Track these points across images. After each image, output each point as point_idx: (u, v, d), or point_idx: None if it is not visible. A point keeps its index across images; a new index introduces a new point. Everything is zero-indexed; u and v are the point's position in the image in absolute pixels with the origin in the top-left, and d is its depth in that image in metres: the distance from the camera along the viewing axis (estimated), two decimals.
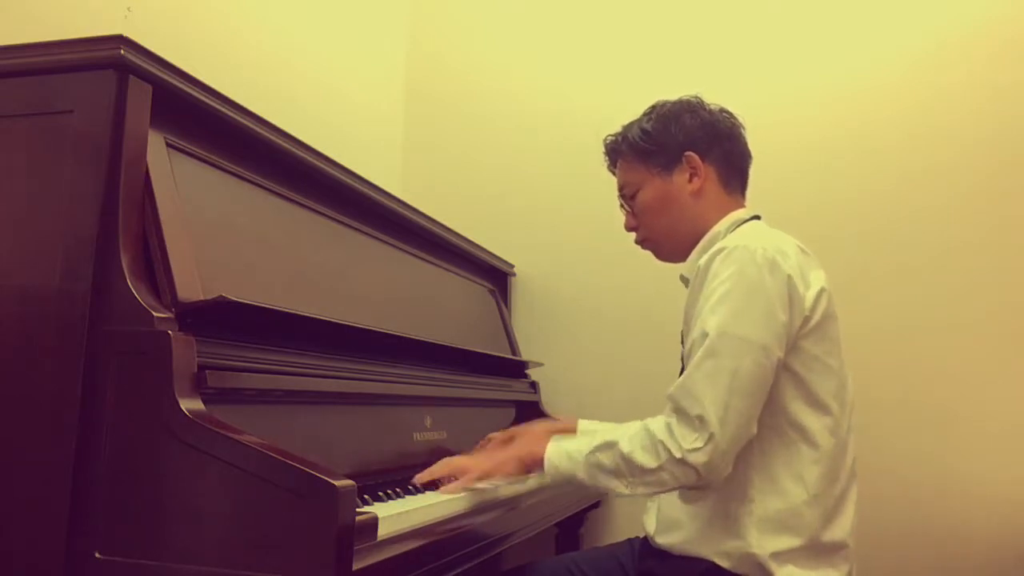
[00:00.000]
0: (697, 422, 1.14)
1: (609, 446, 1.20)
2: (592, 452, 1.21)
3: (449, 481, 1.31)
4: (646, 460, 1.15)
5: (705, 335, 1.18)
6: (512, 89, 2.50)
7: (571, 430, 1.59)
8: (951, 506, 1.96)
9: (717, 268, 1.21)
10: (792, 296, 1.20)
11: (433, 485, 1.32)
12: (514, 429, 1.57)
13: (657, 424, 1.17)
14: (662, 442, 1.14)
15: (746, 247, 1.21)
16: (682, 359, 1.31)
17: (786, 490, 1.19)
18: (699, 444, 1.12)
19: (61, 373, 0.94)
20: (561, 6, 2.49)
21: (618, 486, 1.19)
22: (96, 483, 0.91)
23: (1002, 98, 2.04)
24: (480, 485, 1.32)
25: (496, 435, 1.56)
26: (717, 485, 1.19)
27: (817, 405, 1.22)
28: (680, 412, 1.16)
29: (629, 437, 1.18)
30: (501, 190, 2.46)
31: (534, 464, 1.29)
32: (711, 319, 1.18)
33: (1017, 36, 2.05)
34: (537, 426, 1.54)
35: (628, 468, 1.17)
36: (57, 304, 0.96)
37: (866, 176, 2.13)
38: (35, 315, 0.98)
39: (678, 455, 1.13)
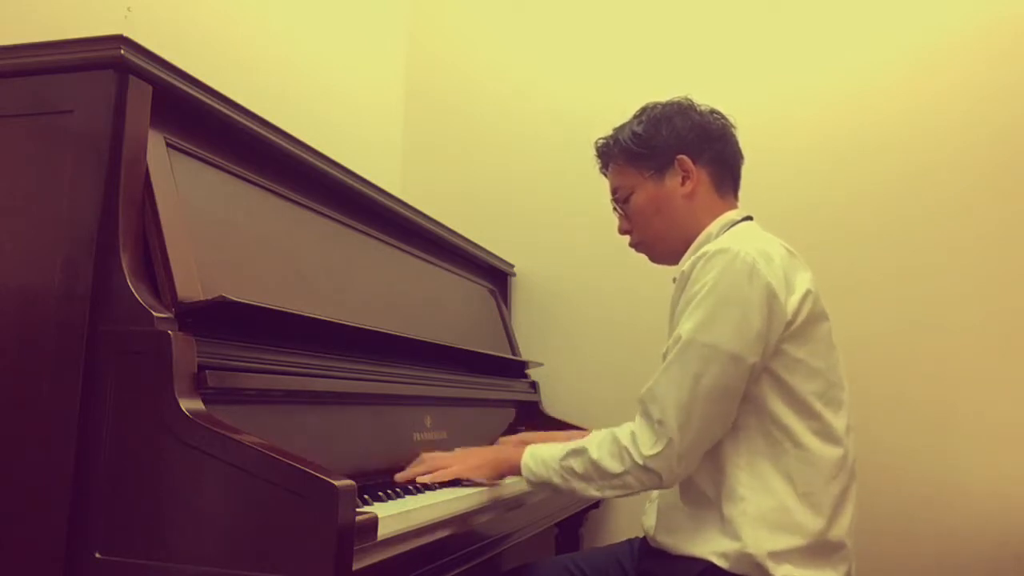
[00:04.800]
0: (657, 426, 1.19)
1: (579, 452, 1.26)
2: (564, 458, 1.27)
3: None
4: (612, 465, 1.21)
5: (678, 340, 1.21)
6: (512, 89, 2.50)
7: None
8: (950, 505, 1.96)
9: (698, 272, 1.23)
10: (771, 303, 1.20)
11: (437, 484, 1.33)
12: (528, 436, 1.60)
13: (623, 431, 1.23)
14: (626, 448, 1.20)
15: (728, 251, 1.21)
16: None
17: (775, 489, 1.20)
18: (658, 449, 1.18)
19: (61, 373, 0.94)
20: (561, 6, 2.49)
21: (589, 489, 1.25)
22: (96, 483, 0.91)
23: (1002, 98, 2.04)
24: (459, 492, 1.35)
25: (509, 439, 1.59)
26: (676, 483, 1.25)
27: (799, 406, 1.22)
28: (646, 415, 1.22)
29: (597, 444, 1.24)
30: (501, 190, 2.46)
31: (509, 470, 1.35)
32: (685, 324, 1.21)
33: (1017, 36, 2.05)
34: (557, 436, 1.60)
35: (597, 473, 1.23)
36: (57, 304, 0.96)
37: (865, 176, 2.13)
38: (35, 315, 0.98)
39: (640, 461, 1.19)
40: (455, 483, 1.37)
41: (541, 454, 1.30)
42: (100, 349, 0.94)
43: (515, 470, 1.33)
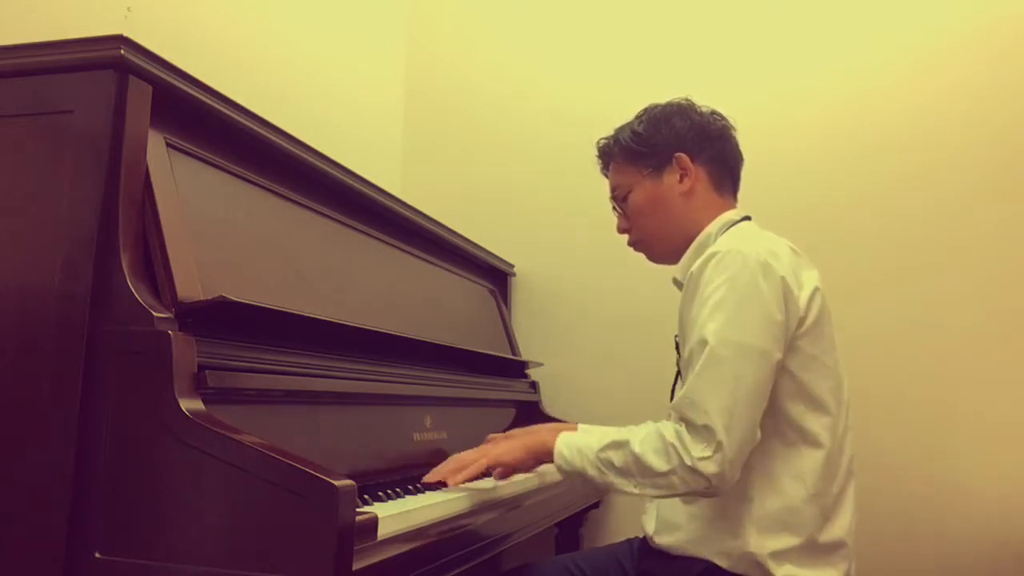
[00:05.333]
0: (704, 432, 1.14)
1: (620, 445, 1.19)
2: (603, 449, 1.21)
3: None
4: (657, 463, 1.15)
5: (704, 343, 1.18)
6: (512, 89, 2.50)
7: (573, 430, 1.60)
8: (950, 505, 1.96)
9: (710, 274, 1.21)
10: (787, 297, 1.20)
11: (438, 484, 1.32)
12: (515, 431, 1.57)
13: (668, 428, 1.17)
14: (674, 446, 1.14)
15: (738, 251, 1.21)
16: (677, 365, 1.31)
17: (785, 489, 1.20)
18: (708, 453, 1.12)
19: (61, 373, 0.94)
20: (561, 6, 2.49)
21: (627, 485, 1.19)
22: (96, 483, 0.91)
23: (1002, 98, 2.04)
24: (482, 485, 1.34)
25: (496, 436, 1.56)
26: (725, 491, 1.18)
27: (816, 404, 1.22)
28: (687, 423, 1.16)
29: (641, 438, 1.18)
30: (501, 190, 2.46)
31: (543, 454, 1.28)
32: (709, 326, 1.18)
33: (1017, 36, 2.05)
34: (543, 428, 1.56)
35: (639, 469, 1.17)
36: (57, 304, 0.96)
37: (865, 176, 2.13)
38: (35, 315, 0.98)
39: (688, 463, 1.13)
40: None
41: (576, 442, 1.24)
42: (100, 349, 0.94)
43: (548, 454, 1.26)
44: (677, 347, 1.34)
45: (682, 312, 1.29)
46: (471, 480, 1.29)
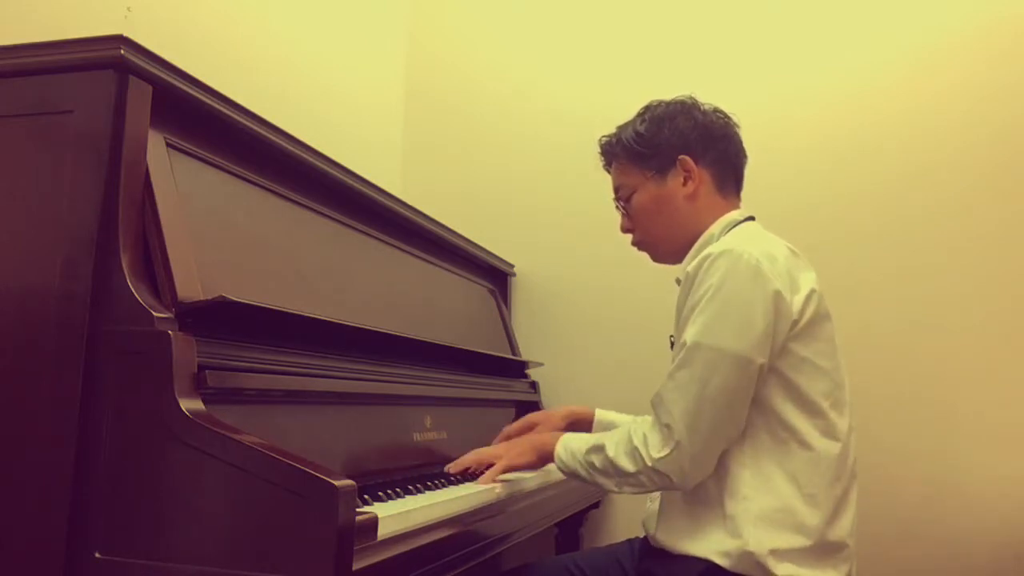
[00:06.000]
0: (665, 431, 1.20)
1: (599, 449, 1.27)
2: (587, 452, 1.29)
3: (478, 471, 1.42)
4: (626, 464, 1.23)
5: (683, 344, 1.21)
6: (512, 89, 2.50)
7: (588, 416, 1.64)
8: (950, 506, 1.96)
9: (703, 275, 1.22)
10: (777, 303, 1.20)
11: (443, 481, 1.34)
12: (532, 416, 1.61)
13: (637, 432, 1.24)
14: (638, 449, 1.21)
15: (732, 252, 1.21)
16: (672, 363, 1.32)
17: (779, 488, 1.20)
18: (666, 452, 1.19)
19: (61, 373, 0.94)
20: (561, 7, 2.49)
21: (609, 484, 1.27)
22: (96, 483, 0.91)
23: (1002, 98, 2.04)
24: (506, 477, 1.42)
25: (513, 425, 1.59)
26: (692, 484, 1.22)
27: (807, 406, 1.22)
28: (656, 420, 1.22)
29: (615, 442, 1.26)
30: (501, 190, 2.46)
31: (548, 456, 1.37)
32: (690, 329, 1.21)
33: (1017, 36, 2.05)
34: (556, 412, 1.62)
35: (614, 470, 1.25)
36: (57, 304, 0.96)
37: (865, 176, 2.13)
38: (35, 315, 0.98)
39: (649, 463, 1.20)
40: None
41: (571, 445, 1.33)
42: (100, 349, 0.94)
43: (551, 455, 1.36)
44: (672, 345, 1.34)
45: (678, 312, 1.30)
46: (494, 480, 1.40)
